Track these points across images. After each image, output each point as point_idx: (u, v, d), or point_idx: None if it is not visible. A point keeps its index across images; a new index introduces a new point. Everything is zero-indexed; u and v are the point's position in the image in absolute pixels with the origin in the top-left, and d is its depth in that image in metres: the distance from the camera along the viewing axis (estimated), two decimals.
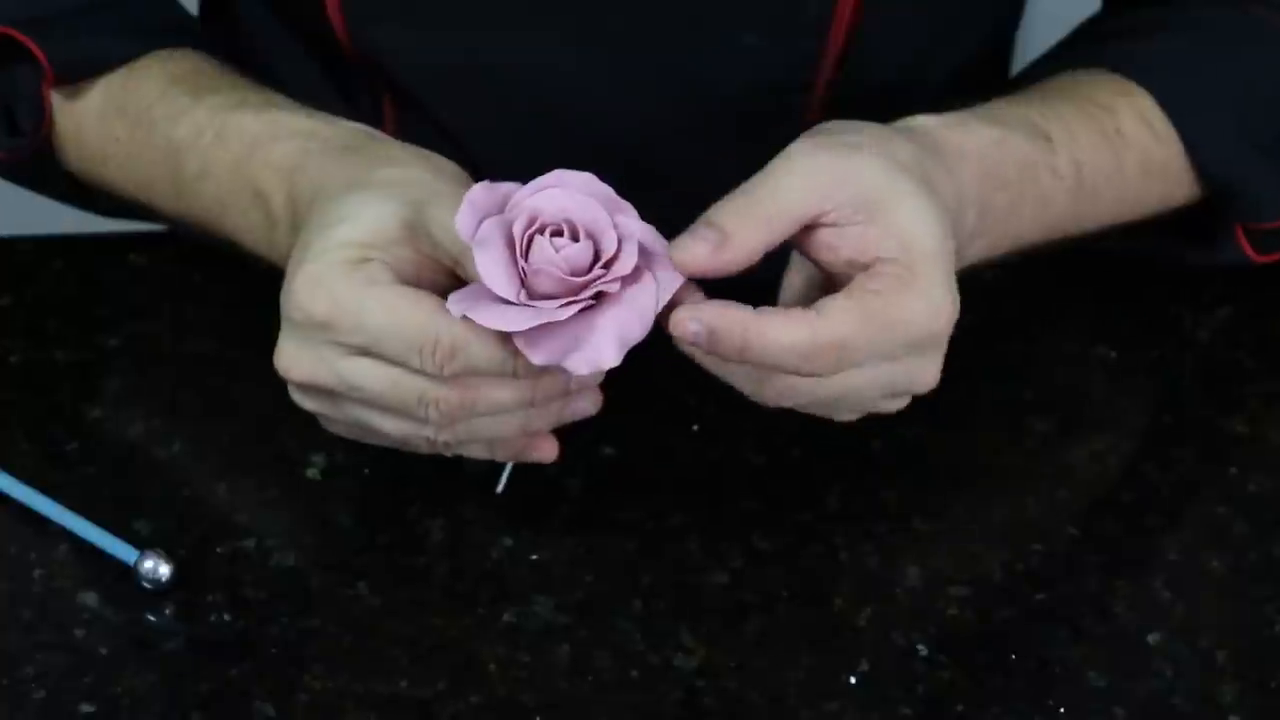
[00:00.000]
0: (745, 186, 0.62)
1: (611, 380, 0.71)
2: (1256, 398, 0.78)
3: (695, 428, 0.74)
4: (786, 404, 0.64)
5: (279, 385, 0.73)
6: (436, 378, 0.61)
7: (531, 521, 0.70)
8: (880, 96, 0.79)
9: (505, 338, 0.61)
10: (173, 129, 0.72)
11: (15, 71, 0.76)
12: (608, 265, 0.60)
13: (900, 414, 0.75)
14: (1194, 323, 0.81)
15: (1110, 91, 0.75)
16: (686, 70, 0.77)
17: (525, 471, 0.71)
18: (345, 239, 0.62)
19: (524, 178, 0.64)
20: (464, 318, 0.60)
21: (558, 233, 0.60)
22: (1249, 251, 0.78)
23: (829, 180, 0.62)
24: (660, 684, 0.65)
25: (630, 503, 0.71)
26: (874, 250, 0.62)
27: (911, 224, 0.62)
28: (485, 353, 0.61)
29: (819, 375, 0.62)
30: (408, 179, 0.64)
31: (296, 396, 0.65)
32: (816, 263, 0.64)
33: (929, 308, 0.62)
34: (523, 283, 0.60)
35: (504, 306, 0.60)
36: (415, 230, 0.62)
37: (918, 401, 0.75)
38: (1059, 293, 0.82)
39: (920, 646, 0.66)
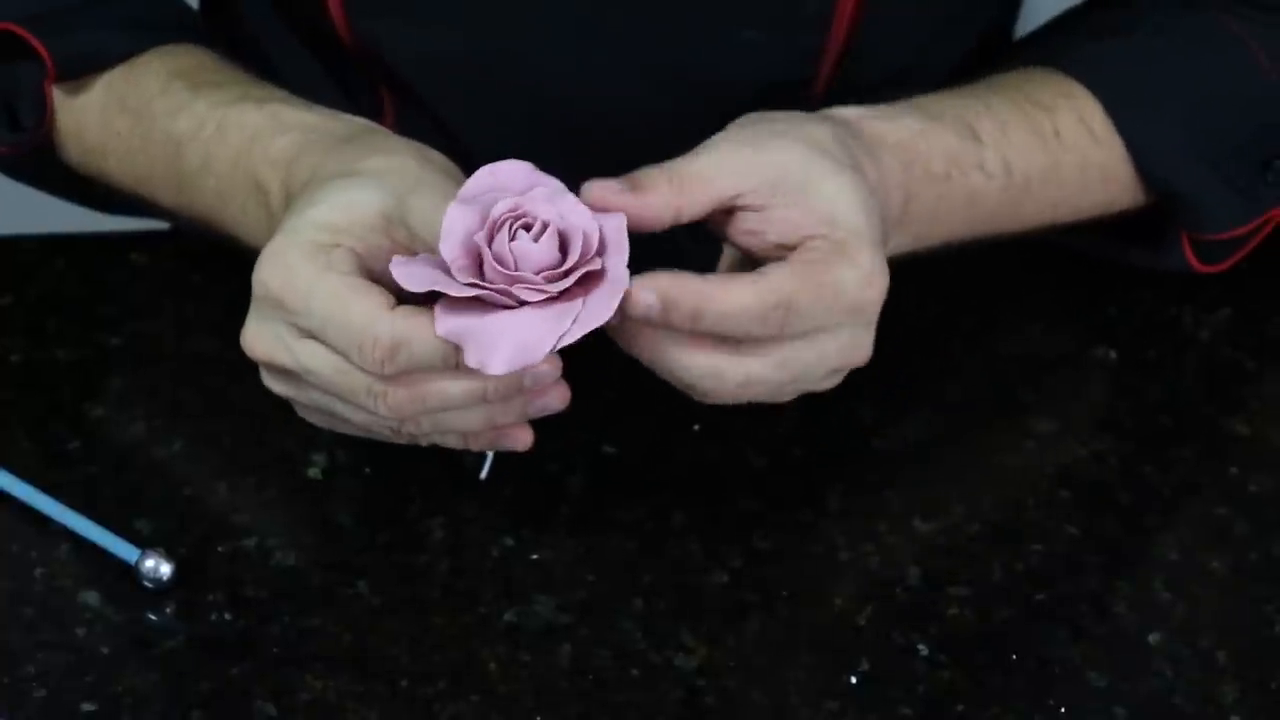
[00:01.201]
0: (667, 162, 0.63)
1: (613, 380, 0.71)
2: (1256, 398, 0.78)
3: (696, 427, 0.74)
4: (746, 396, 0.64)
5: None
6: (381, 377, 0.61)
7: (532, 521, 0.70)
8: (881, 92, 0.79)
9: None
10: (173, 123, 0.72)
11: (17, 67, 0.76)
12: (567, 273, 0.60)
13: (901, 413, 0.75)
14: (1194, 323, 0.81)
15: (1053, 91, 0.75)
16: (687, 66, 0.77)
17: (525, 471, 0.71)
18: (318, 220, 0.62)
19: None
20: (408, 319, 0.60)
21: (527, 227, 0.60)
22: (1193, 261, 0.78)
23: (745, 164, 0.63)
24: (661, 683, 0.65)
25: (631, 502, 0.71)
26: (800, 230, 0.63)
27: (834, 202, 0.63)
28: (426, 350, 0.60)
29: (768, 339, 0.62)
30: (393, 168, 0.64)
31: (266, 380, 0.65)
32: (747, 251, 0.64)
33: (860, 275, 0.62)
34: (479, 264, 0.60)
35: (432, 272, 0.59)
36: (392, 219, 0.62)
37: (918, 401, 0.76)
38: (1059, 293, 0.82)
39: (921, 646, 0.66)
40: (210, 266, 0.80)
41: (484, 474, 0.69)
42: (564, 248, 0.60)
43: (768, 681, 0.65)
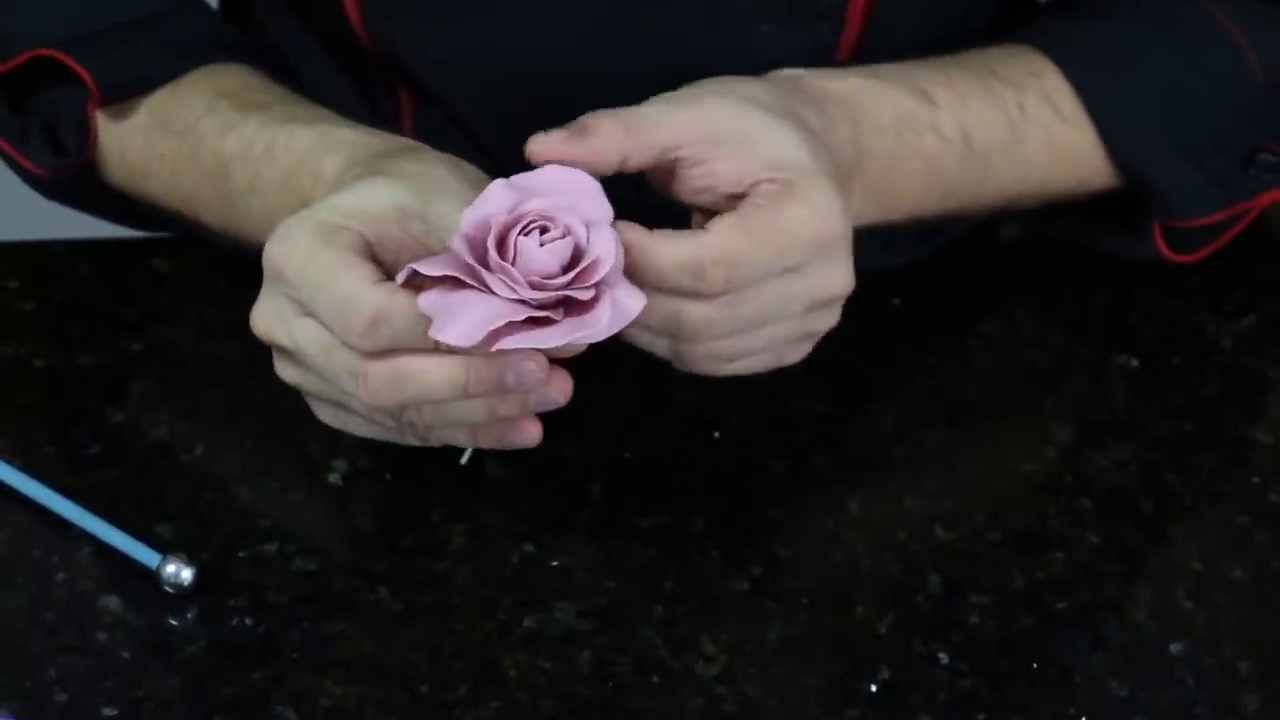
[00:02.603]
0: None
1: (632, 386, 0.71)
2: (1279, 406, 0.77)
3: (716, 434, 0.74)
4: (715, 367, 0.64)
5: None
6: (363, 352, 0.61)
7: (553, 527, 0.70)
8: None
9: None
10: (221, 144, 0.72)
11: (58, 92, 0.76)
12: (577, 277, 0.59)
13: (922, 420, 0.75)
14: (1217, 331, 0.81)
15: (1021, 69, 0.75)
16: (703, 61, 0.77)
17: (546, 477, 0.72)
18: (333, 202, 0.63)
19: None
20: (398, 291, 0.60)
21: (543, 229, 0.60)
22: (1164, 249, 0.78)
23: (684, 119, 0.64)
24: (681, 690, 0.65)
25: (651, 509, 0.71)
26: (747, 178, 0.63)
27: (776, 147, 0.64)
28: (406, 324, 0.60)
29: (710, 295, 0.62)
30: (424, 173, 0.65)
31: (277, 365, 0.65)
32: (703, 210, 0.65)
33: (813, 212, 0.63)
34: (483, 241, 0.60)
35: (445, 261, 0.60)
36: (408, 212, 0.63)
37: (939, 408, 0.76)
38: (1081, 300, 0.82)
39: (941, 655, 0.66)
40: (233, 272, 0.80)
41: (464, 460, 0.69)
42: (572, 267, 0.60)
43: (788, 689, 0.65)
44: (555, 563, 0.69)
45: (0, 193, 0.93)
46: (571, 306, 0.60)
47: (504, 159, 0.69)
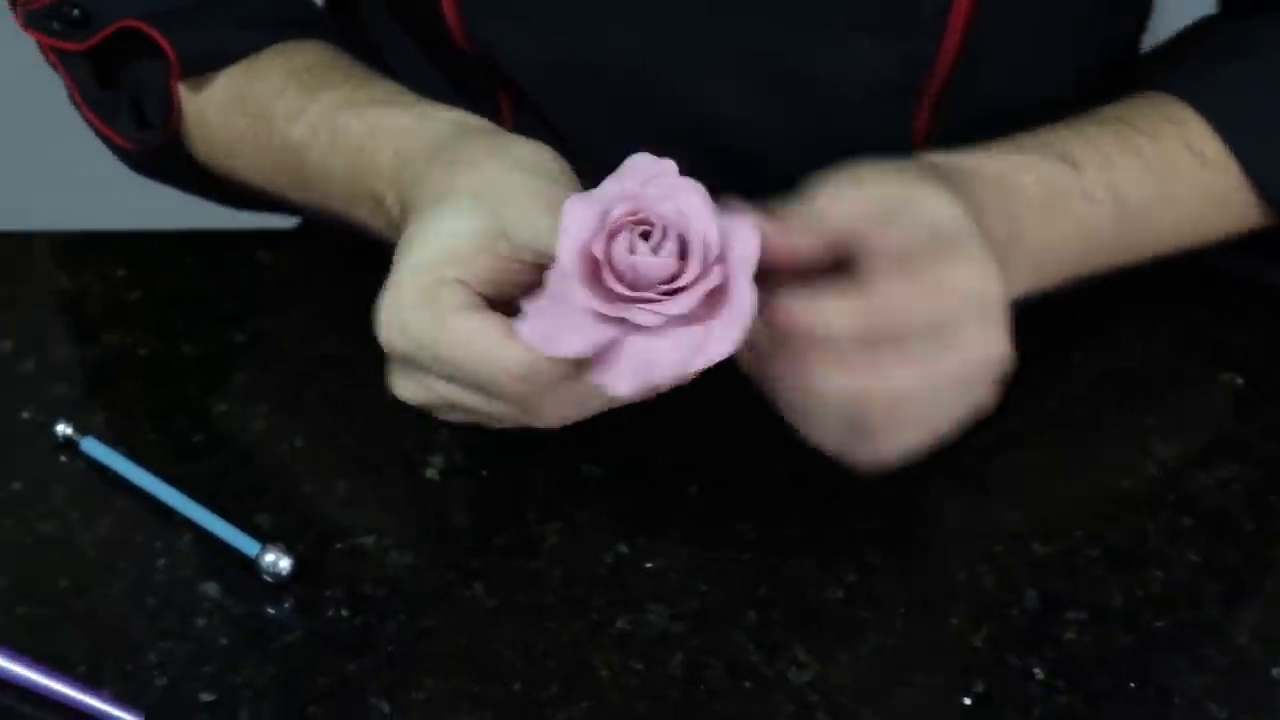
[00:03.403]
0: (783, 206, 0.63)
1: (737, 390, 0.71)
2: None
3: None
4: (900, 420, 0.63)
5: None
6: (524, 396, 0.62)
7: (647, 528, 0.70)
8: (993, 101, 0.78)
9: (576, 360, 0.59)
10: (290, 128, 0.73)
11: (143, 65, 0.78)
12: (688, 283, 0.58)
13: (1020, 433, 0.74)
14: None
15: (1158, 117, 0.74)
16: (800, 75, 0.76)
17: (641, 479, 0.71)
18: (419, 263, 0.62)
19: None
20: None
21: (646, 234, 0.59)
22: None
23: (851, 202, 0.63)
24: (773, 696, 0.64)
25: (746, 513, 0.71)
26: (908, 246, 0.62)
27: (935, 213, 0.63)
28: (556, 369, 0.60)
29: (875, 354, 0.61)
30: (485, 181, 0.64)
31: (400, 387, 0.65)
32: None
33: (975, 268, 0.62)
34: (598, 275, 0.59)
35: (559, 318, 0.59)
36: (492, 237, 0.62)
37: (1037, 422, 0.75)
38: (1186, 317, 0.81)
39: (1037, 670, 0.65)
40: (336, 266, 0.81)
41: None
42: (683, 253, 0.59)
43: (880, 699, 0.64)
44: (649, 564, 0.69)
45: (107, 183, 0.95)
46: (708, 303, 0.58)
47: (600, 165, 0.69)
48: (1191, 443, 0.75)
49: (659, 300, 0.58)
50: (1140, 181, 0.72)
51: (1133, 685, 0.65)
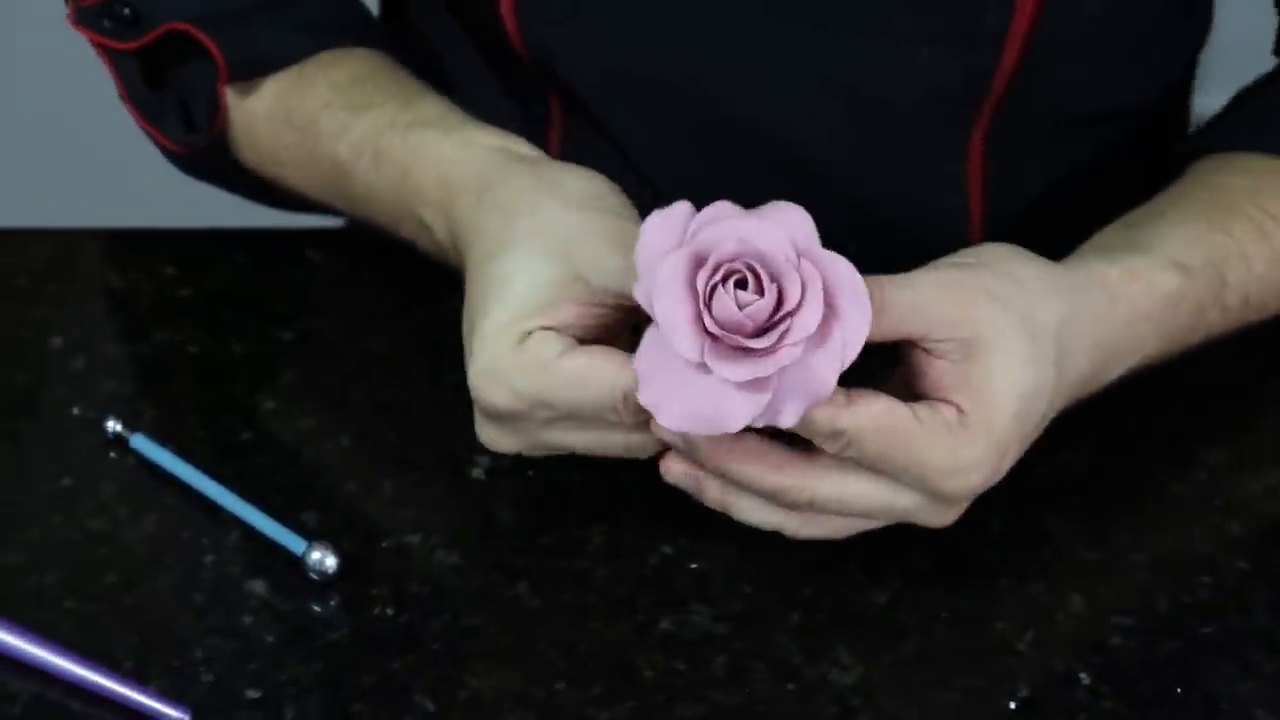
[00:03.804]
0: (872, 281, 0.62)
1: None
2: None
3: None
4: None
5: (445, 385, 0.74)
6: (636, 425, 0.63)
7: (691, 530, 0.70)
8: (1050, 114, 0.78)
9: None
10: (335, 147, 0.74)
11: (191, 68, 0.78)
12: (789, 314, 0.59)
13: (1067, 439, 0.74)
14: None
15: None
16: (860, 86, 0.76)
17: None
18: (504, 320, 0.63)
19: (691, 189, 0.64)
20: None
21: (741, 282, 0.59)
22: None
23: (949, 315, 0.62)
24: (816, 698, 0.64)
25: None
26: (946, 390, 0.62)
27: (993, 387, 0.62)
28: None
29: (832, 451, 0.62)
30: (543, 226, 0.64)
31: (488, 437, 0.66)
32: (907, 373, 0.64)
33: (954, 465, 0.62)
34: (705, 327, 0.59)
35: (688, 374, 0.59)
36: (569, 284, 0.63)
37: (1085, 427, 0.74)
38: None
39: (1083, 675, 0.65)
40: (384, 265, 0.81)
41: None
42: (770, 277, 0.59)
43: (924, 702, 0.64)
44: (693, 565, 0.69)
45: (158, 181, 0.96)
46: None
47: (652, 174, 0.69)
48: (1240, 449, 0.75)
49: (786, 330, 0.59)
50: (1269, 282, 0.72)
51: (1179, 691, 0.65)
